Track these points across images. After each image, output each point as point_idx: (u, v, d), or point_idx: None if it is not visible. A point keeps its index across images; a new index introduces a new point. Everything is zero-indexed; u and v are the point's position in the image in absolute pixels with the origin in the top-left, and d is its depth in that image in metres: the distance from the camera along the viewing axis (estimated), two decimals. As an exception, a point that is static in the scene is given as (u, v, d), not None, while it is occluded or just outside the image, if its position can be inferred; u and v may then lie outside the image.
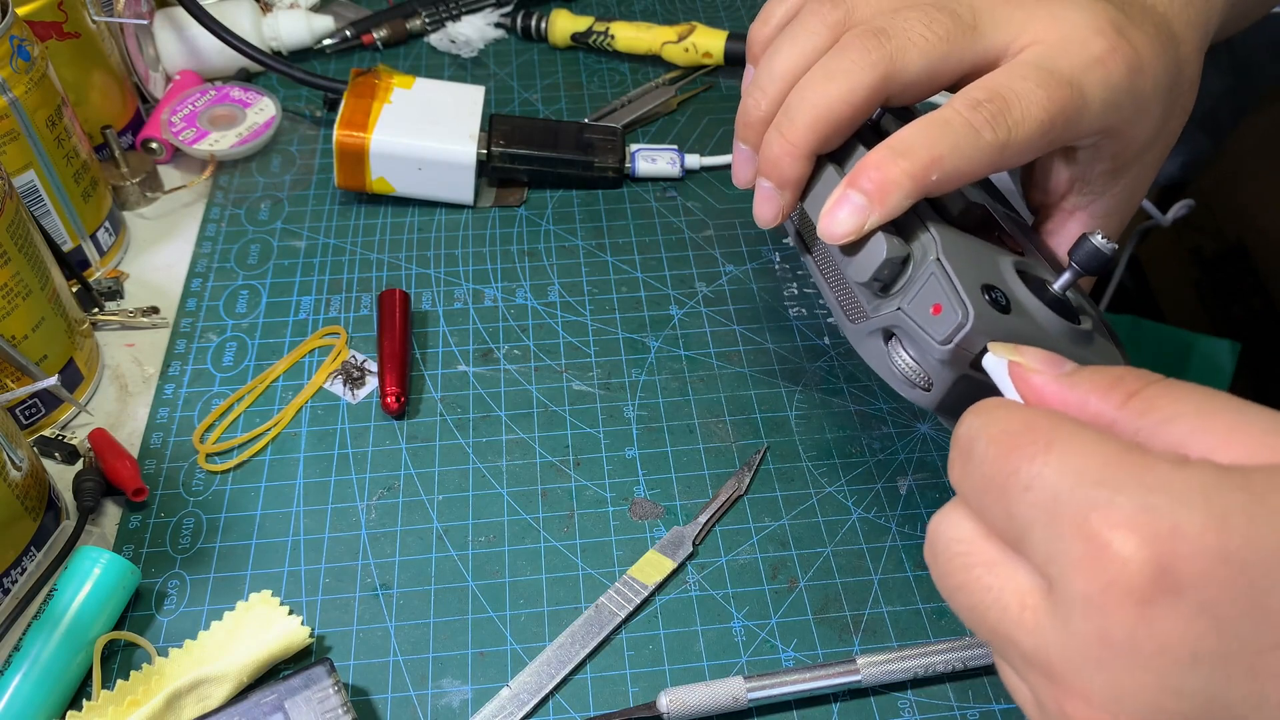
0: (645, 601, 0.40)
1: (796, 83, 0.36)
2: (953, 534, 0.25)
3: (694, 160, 0.59)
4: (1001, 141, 0.33)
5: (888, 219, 0.34)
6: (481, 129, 0.56)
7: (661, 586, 0.41)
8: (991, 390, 0.31)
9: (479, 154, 0.56)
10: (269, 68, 0.61)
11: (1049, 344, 0.32)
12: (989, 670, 0.38)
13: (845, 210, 0.34)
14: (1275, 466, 0.21)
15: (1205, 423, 0.23)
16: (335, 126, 0.54)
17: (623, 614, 0.40)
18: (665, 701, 0.37)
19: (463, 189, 0.56)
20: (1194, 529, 0.20)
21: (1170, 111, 0.38)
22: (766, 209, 0.38)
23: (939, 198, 0.36)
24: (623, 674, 0.39)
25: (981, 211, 0.38)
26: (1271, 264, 1.08)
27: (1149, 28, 0.36)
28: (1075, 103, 0.34)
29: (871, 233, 0.34)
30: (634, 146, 0.59)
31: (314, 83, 0.61)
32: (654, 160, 0.59)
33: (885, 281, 0.34)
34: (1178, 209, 0.66)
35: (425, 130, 0.55)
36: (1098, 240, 0.32)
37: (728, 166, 0.60)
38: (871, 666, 0.37)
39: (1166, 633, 0.21)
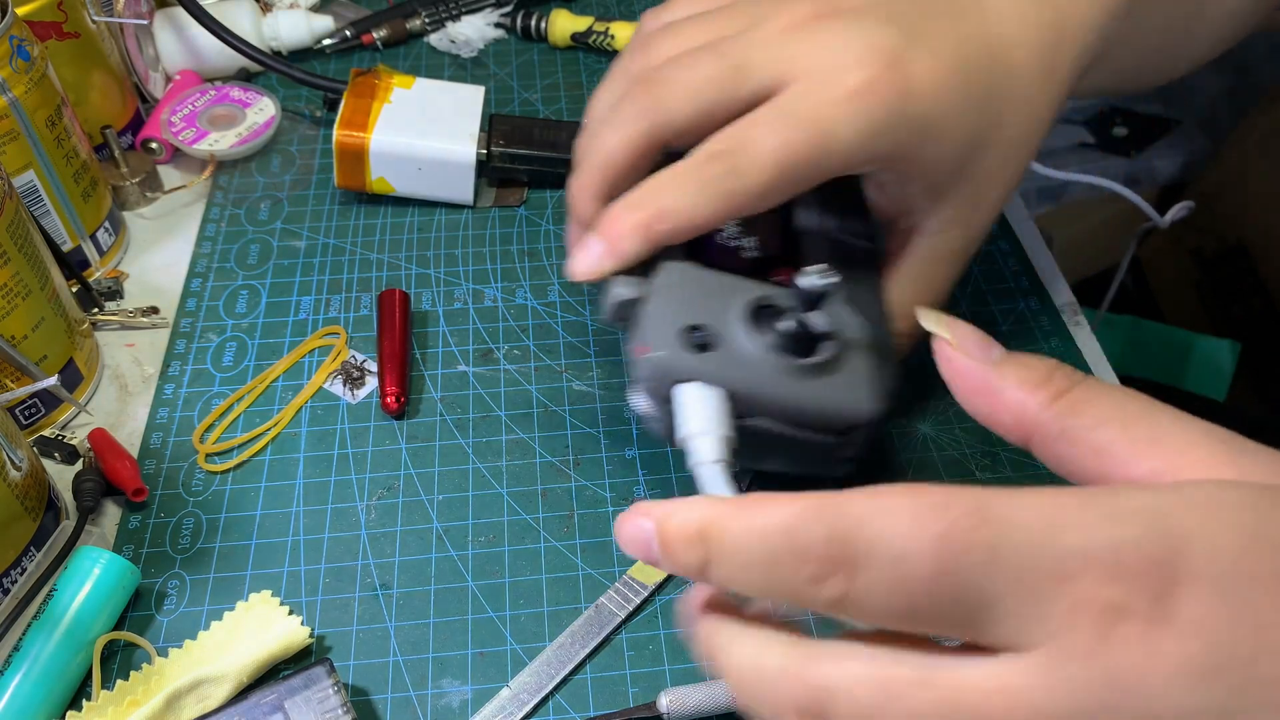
0: (645, 601, 0.40)
1: None
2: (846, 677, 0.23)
3: None
4: (730, 190, 0.34)
5: (624, 266, 0.36)
6: (481, 129, 0.56)
7: (661, 586, 0.41)
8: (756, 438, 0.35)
9: (479, 154, 0.55)
10: (269, 68, 0.61)
11: (753, 380, 0.34)
12: (989, 670, 0.38)
13: (585, 254, 0.36)
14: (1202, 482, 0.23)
15: (1128, 431, 0.24)
16: (335, 126, 0.54)
17: (623, 614, 0.40)
18: (665, 701, 0.37)
19: (462, 189, 0.56)
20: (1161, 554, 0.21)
21: (987, 125, 0.37)
22: (573, 251, 0.38)
23: (754, 217, 0.38)
24: (623, 674, 0.39)
25: (775, 242, 0.39)
26: (1271, 264, 1.08)
27: (947, 44, 0.36)
28: (815, 144, 0.34)
29: (613, 275, 0.36)
30: None
31: (314, 83, 0.61)
32: None
33: (627, 322, 0.37)
34: (1177, 210, 0.66)
35: (425, 130, 0.55)
36: (803, 281, 0.33)
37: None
38: (872, 666, 0.37)
39: (1168, 658, 0.21)
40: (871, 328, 0.37)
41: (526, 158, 0.57)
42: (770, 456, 0.38)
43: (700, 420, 0.34)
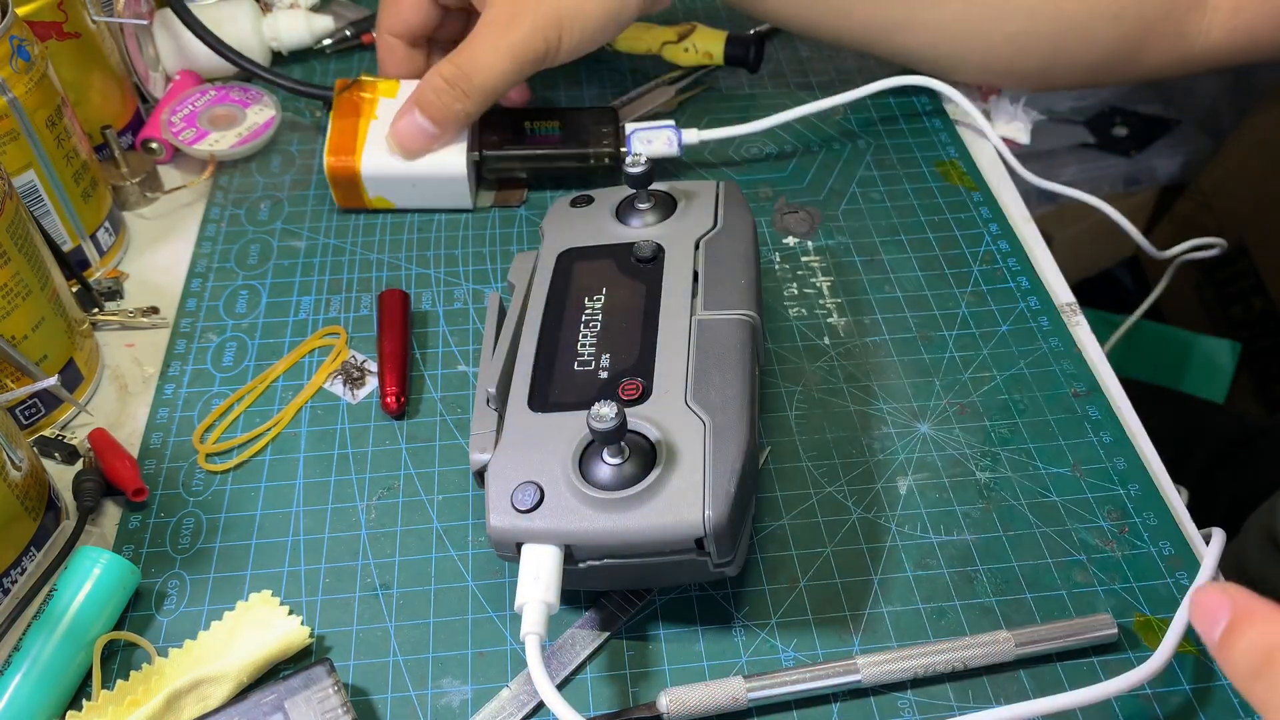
0: (645, 602, 0.40)
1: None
2: None
3: (692, 135, 0.57)
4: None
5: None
6: (472, 132, 0.56)
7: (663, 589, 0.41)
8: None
9: (470, 157, 0.55)
10: (256, 75, 0.60)
11: (581, 527, 0.35)
12: (989, 670, 0.38)
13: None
14: None
15: None
16: (324, 153, 0.54)
17: (623, 614, 0.40)
18: (665, 701, 0.37)
19: (460, 197, 0.56)
20: None
21: None
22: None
23: (609, 334, 0.41)
24: (623, 674, 0.39)
25: (629, 355, 0.41)
26: (1271, 264, 1.08)
27: None
28: None
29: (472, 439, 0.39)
30: (629, 127, 0.57)
31: (305, 91, 0.60)
32: (650, 142, 0.57)
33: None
34: (1187, 248, 0.64)
35: None
36: (592, 422, 0.34)
37: (728, 141, 0.60)
38: (871, 666, 0.37)
39: None
40: (715, 417, 0.37)
41: (521, 157, 0.56)
42: (644, 580, 0.39)
43: (526, 587, 0.35)
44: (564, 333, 0.42)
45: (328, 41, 0.67)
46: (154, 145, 0.60)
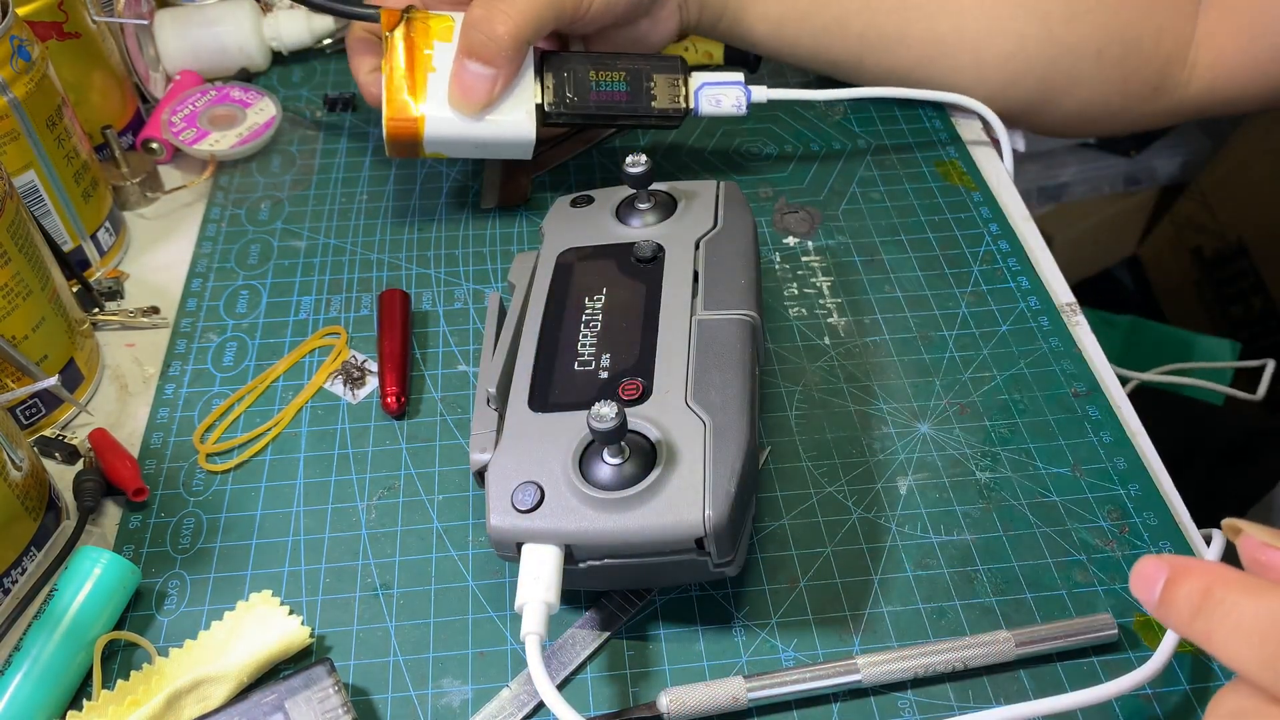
0: (645, 601, 0.40)
1: None
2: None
3: (761, 94, 0.55)
4: None
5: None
6: (534, 78, 0.52)
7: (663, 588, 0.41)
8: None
9: (534, 102, 0.52)
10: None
11: (581, 527, 0.36)
12: (989, 670, 0.38)
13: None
14: None
15: None
16: (384, 112, 0.51)
17: (623, 614, 0.40)
18: (665, 701, 0.37)
19: (523, 153, 0.53)
20: None
21: None
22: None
23: (609, 333, 0.42)
24: (623, 674, 0.39)
25: (629, 354, 0.41)
26: (1271, 264, 1.08)
27: None
28: None
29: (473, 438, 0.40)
30: (696, 81, 0.54)
31: (354, 13, 0.54)
32: (719, 101, 0.54)
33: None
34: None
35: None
36: (593, 422, 0.35)
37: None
38: (871, 666, 0.37)
39: None
40: (715, 417, 0.38)
41: (586, 116, 0.53)
42: (644, 580, 0.39)
43: (526, 587, 0.35)
44: (564, 333, 0.42)
45: (328, 41, 0.67)
46: (154, 145, 0.60)
